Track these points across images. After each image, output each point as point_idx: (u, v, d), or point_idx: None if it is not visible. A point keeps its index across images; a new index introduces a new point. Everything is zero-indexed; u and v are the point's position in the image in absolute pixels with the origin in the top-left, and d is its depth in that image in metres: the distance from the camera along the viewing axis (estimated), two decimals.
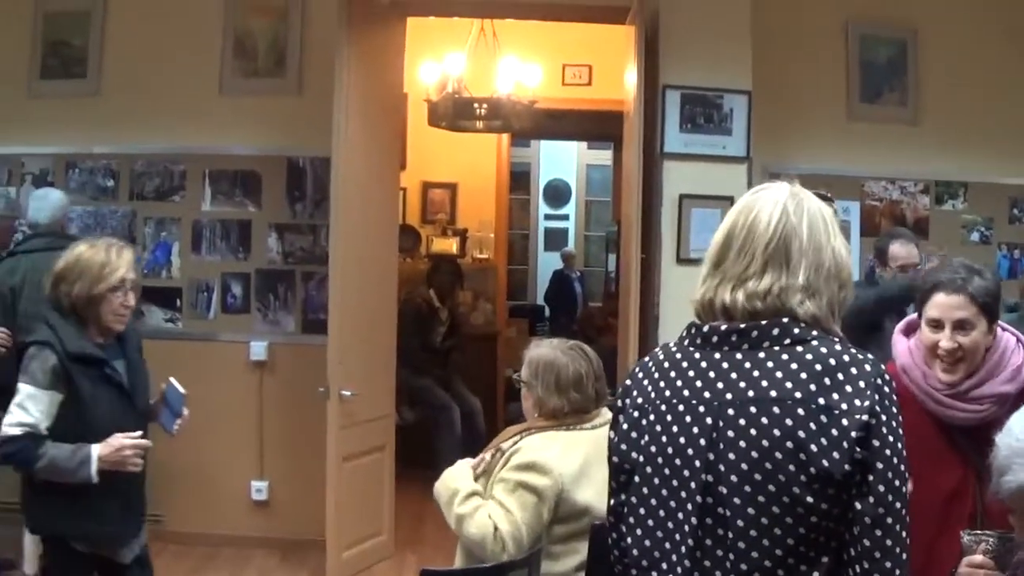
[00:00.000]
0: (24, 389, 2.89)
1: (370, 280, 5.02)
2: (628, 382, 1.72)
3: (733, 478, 1.52)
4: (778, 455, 1.49)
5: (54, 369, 2.89)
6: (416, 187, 7.73)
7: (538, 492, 2.74)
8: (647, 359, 1.72)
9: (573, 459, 2.80)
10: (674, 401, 1.60)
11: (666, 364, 1.66)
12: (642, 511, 1.64)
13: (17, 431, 2.85)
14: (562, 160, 13.13)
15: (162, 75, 5.48)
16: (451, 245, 7.78)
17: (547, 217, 13.31)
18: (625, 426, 1.68)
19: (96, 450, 2.88)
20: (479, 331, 7.67)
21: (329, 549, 4.83)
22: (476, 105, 6.04)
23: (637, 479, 1.64)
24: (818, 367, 1.51)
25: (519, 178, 10.88)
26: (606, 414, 2.89)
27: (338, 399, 4.68)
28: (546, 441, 2.86)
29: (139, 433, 3.01)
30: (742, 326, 1.58)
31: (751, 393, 1.53)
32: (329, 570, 4.84)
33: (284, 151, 5.38)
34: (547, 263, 12.65)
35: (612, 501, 1.73)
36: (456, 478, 2.96)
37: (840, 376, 1.50)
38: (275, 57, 5.41)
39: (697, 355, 1.62)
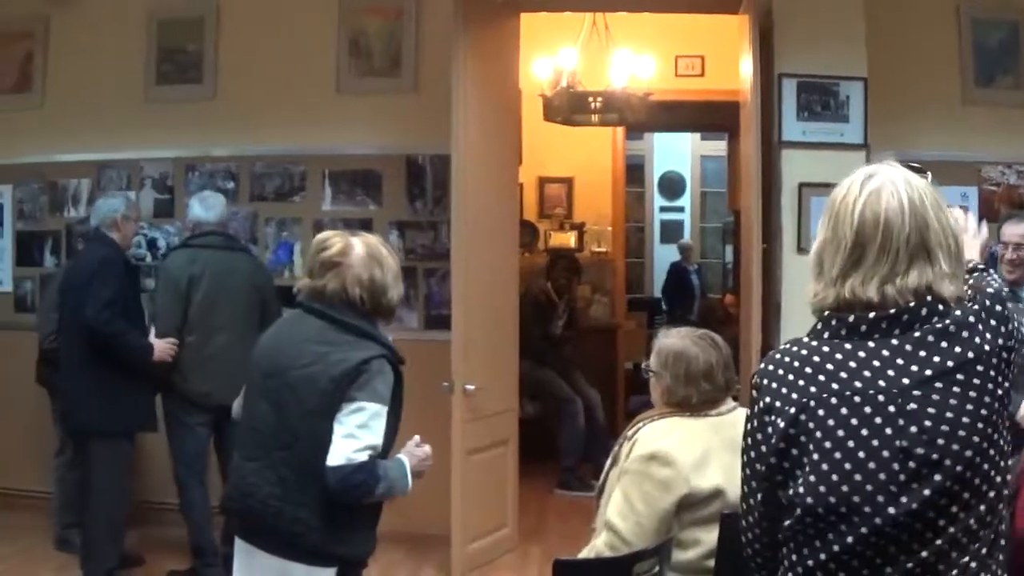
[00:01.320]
0: (369, 408, 2.89)
1: (492, 275, 5.52)
2: (764, 380, 1.83)
3: (935, 456, 1.68)
4: (965, 420, 1.69)
5: (391, 384, 2.98)
6: (532, 182, 8.27)
7: (661, 484, 2.86)
8: (781, 355, 1.84)
9: (694, 446, 2.91)
10: (847, 393, 1.72)
11: (814, 358, 1.78)
12: (832, 498, 1.72)
13: (365, 456, 2.84)
14: (676, 152, 13.70)
15: (278, 77, 6.10)
16: (569, 239, 8.29)
17: (662, 209, 13.82)
18: (781, 423, 1.77)
19: (408, 460, 3.03)
20: (598, 325, 8.23)
21: (454, 542, 5.30)
22: (591, 99, 6.45)
23: (810, 474, 1.74)
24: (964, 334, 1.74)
25: (633, 171, 11.32)
26: (731, 402, 3.11)
27: (462, 393, 5.19)
28: (666, 429, 3.00)
29: (418, 438, 3.14)
30: (892, 312, 1.73)
31: (928, 372, 1.71)
32: (454, 563, 5.32)
33: (403, 149, 5.94)
34: (663, 256, 13.10)
35: (761, 496, 1.85)
36: None
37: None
38: (391, 56, 5.99)
39: (848, 346, 1.75)
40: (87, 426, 5.04)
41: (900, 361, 1.72)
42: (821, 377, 1.75)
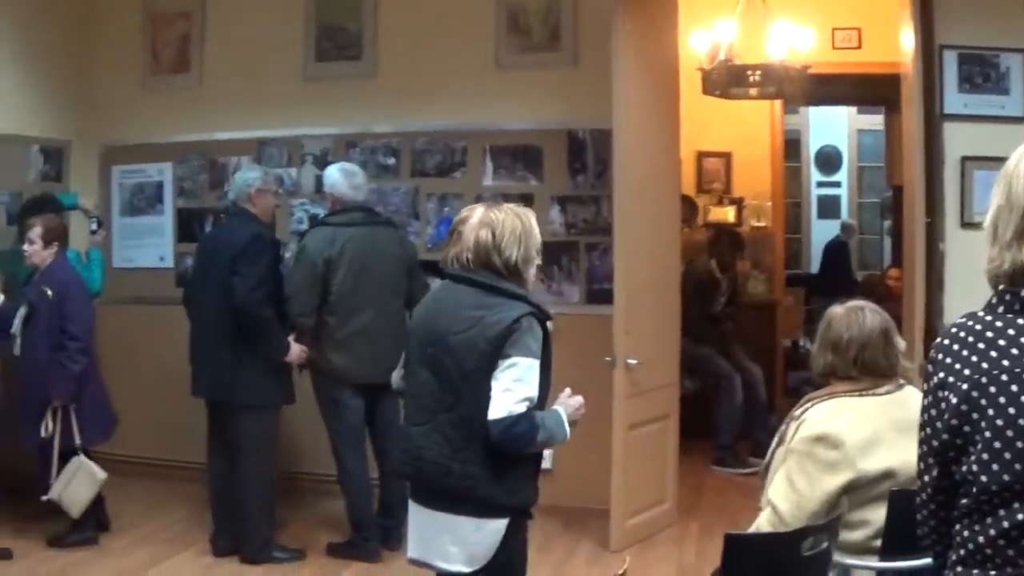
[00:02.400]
0: (523, 362, 3.20)
1: (654, 249, 5.89)
2: (939, 355, 1.91)
3: None
4: None
5: (540, 339, 3.30)
6: (691, 157, 8.66)
7: (826, 466, 3.08)
8: (956, 330, 1.91)
9: (863, 428, 3.10)
10: (1017, 370, 1.78)
11: (988, 333, 1.84)
12: (1006, 476, 1.78)
13: (523, 407, 3.18)
14: (832, 126, 14.07)
15: (437, 54, 6.62)
16: (728, 214, 8.62)
17: (819, 184, 13.93)
18: (954, 399, 1.85)
19: (563, 410, 3.38)
20: (757, 300, 8.66)
21: (613, 517, 5.65)
22: (749, 72, 6.67)
23: (983, 452, 1.81)
24: None
25: (790, 146, 11.51)
26: (900, 380, 3.28)
27: (624, 368, 5.57)
28: (834, 410, 3.18)
29: (569, 390, 3.50)
30: None
31: None
32: (613, 538, 5.67)
33: (564, 124, 6.37)
34: (821, 232, 13.26)
35: (936, 472, 1.94)
36: None
37: None
38: (550, 31, 6.43)
39: (1021, 321, 1.82)
40: (235, 400, 5.46)
41: None
42: (993, 353, 1.80)
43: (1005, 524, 1.77)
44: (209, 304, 5.49)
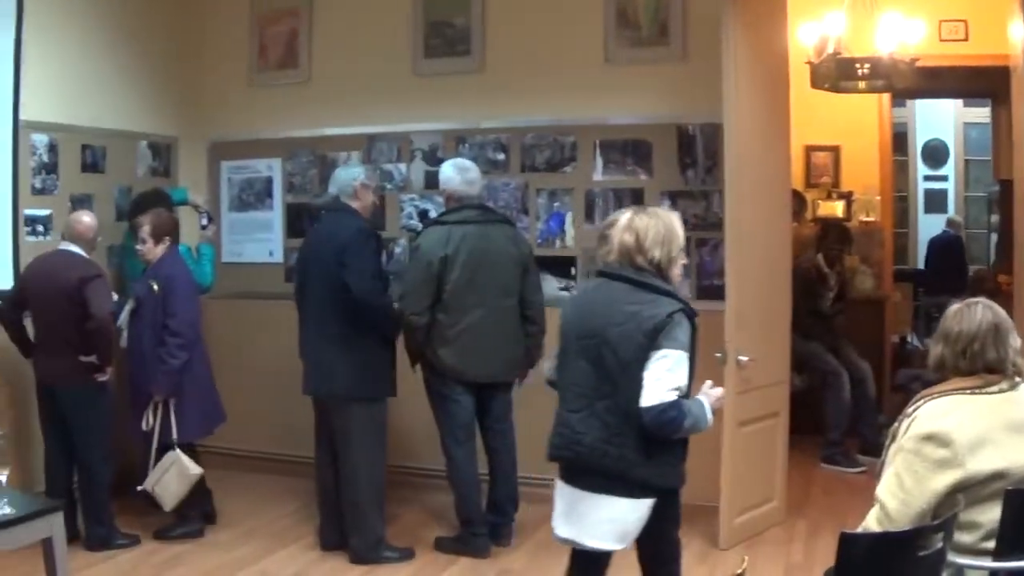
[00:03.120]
0: (673, 354, 3.61)
1: (765, 244, 5.98)
2: None
3: None
4: None
5: (689, 333, 3.71)
6: (799, 151, 8.69)
7: (935, 464, 3.15)
8: None
9: (975, 427, 3.16)
10: None
11: None
12: None
13: (673, 396, 3.58)
14: (938, 119, 14.17)
15: (546, 49, 6.77)
16: (836, 208, 8.68)
17: (926, 178, 13.91)
18: None
19: (706, 400, 3.74)
20: (865, 296, 8.69)
21: (722, 514, 5.75)
22: (858, 65, 6.73)
23: None
24: None
25: (896, 139, 11.52)
26: (1016, 379, 3.34)
27: (735, 364, 5.66)
28: (946, 408, 3.26)
29: (710, 382, 3.87)
30: None
31: None
32: (722, 535, 5.77)
33: (673, 118, 6.47)
34: (927, 226, 13.28)
35: None
36: None
37: None
38: (658, 25, 6.54)
39: None
40: (342, 393, 5.61)
41: None
42: None
43: None
44: (314, 299, 5.65)
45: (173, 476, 5.87)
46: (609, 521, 3.73)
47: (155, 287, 5.91)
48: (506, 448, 5.93)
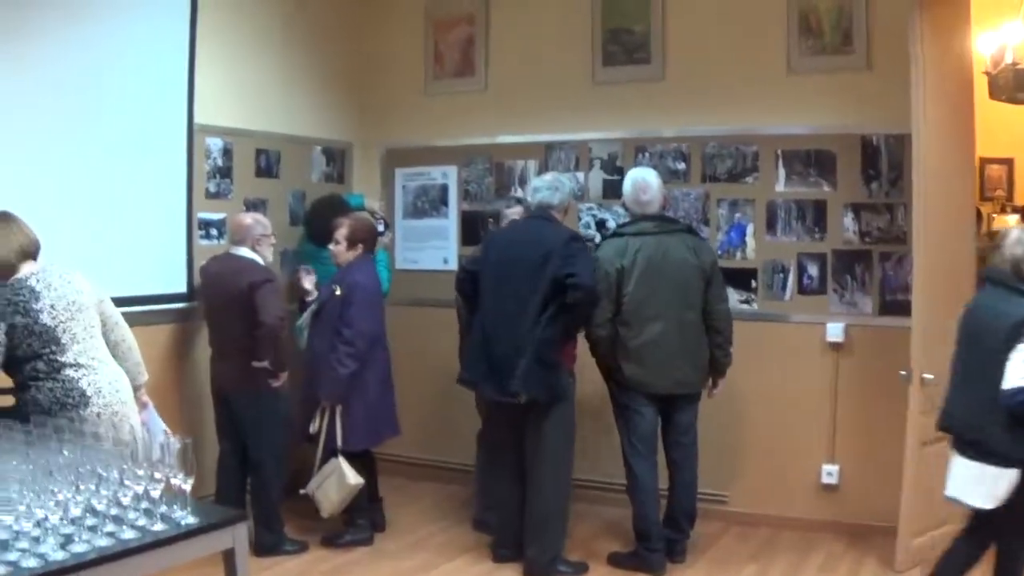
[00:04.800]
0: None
1: (951, 260, 6.08)
2: None
3: None
4: None
5: None
6: None
7: None
8: None
9: None
10: None
11: None
12: None
13: None
14: None
15: (727, 57, 7.04)
16: (1010, 223, 8.63)
17: None
18: None
19: None
20: None
21: (900, 535, 5.91)
22: None
23: None
24: None
25: None
26: None
27: (920, 383, 5.81)
28: None
29: None
30: None
31: None
32: (898, 557, 5.92)
33: (857, 129, 6.67)
34: None
35: None
36: None
37: None
38: (841, 33, 6.76)
39: None
40: (547, 395, 5.73)
41: None
42: None
43: None
44: (507, 302, 5.79)
45: (333, 484, 6.17)
46: (981, 483, 4.53)
47: (337, 291, 6.24)
48: (688, 462, 6.12)
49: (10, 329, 4.38)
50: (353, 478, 6.16)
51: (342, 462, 6.16)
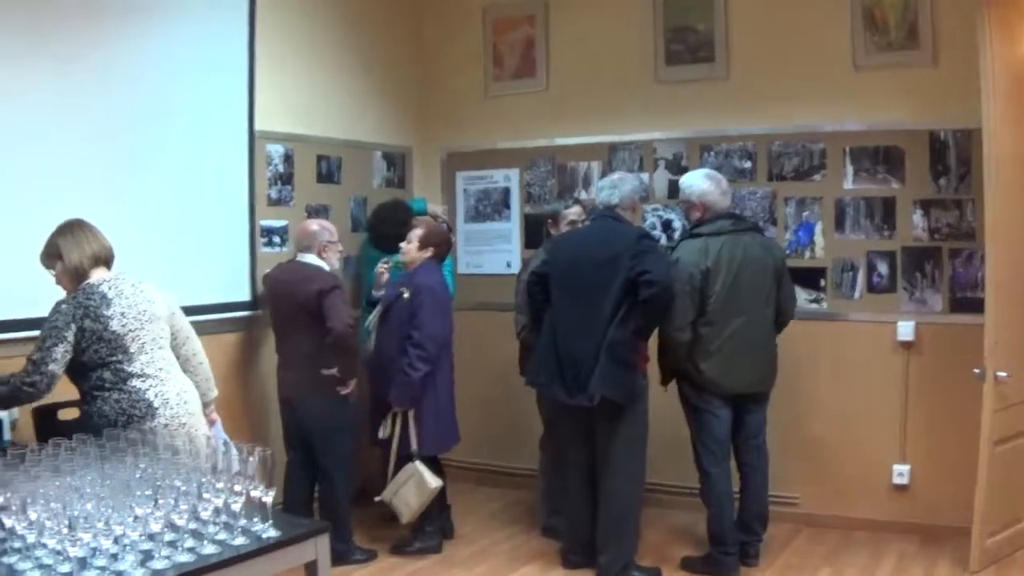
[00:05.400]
0: None
1: (1022, 255, 6.12)
2: None
3: None
4: None
5: None
6: None
7: None
8: None
9: None
10: None
11: None
12: None
13: None
14: None
15: (791, 54, 7.10)
16: None
17: None
18: None
19: None
20: None
21: (975, 535, 5.93)
22: None
23: None
24: None
25: None
26: None
27: (994, 381, 5.85)
28: None
29: None
30: None
31: None
32: (972, 557, 5.95)
33: (924, 124, 6.71)
34: None
35: None
36: None
37: None
38: (906, 29, 6.81)
39: None
40: (625, 396, 5.73)
41: None
42: None
43: None
44: (578, 304, 5.83)
45: (412, 488, 6.25)
46: None
47: (405, 294, 6.32)
48: (760, 464, 6.20)
49: (79, 332, 4.46)
50: (433, 481, 6.25)
51: (420, 466, 6.25)
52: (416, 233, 6.50)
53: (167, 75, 6.25)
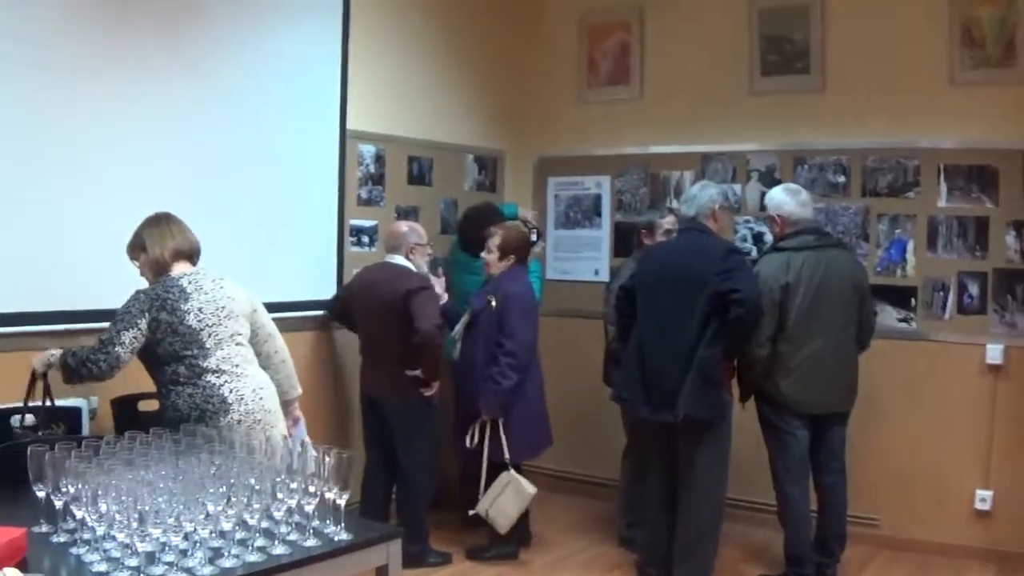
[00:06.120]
0: None
1: None
2: None
3: None
4: None
5: None
6: None
7: None
8: None
9: None
10: None
11: None
12: None
13: None
14: None
15: (887, 68, 7.13)
16: None
17: None
18: None
19: None
20: None
21: None
22: None
23: None
24: None
25: None
26: None
27: None
28: None
29: None
30: None
31: None
32: None
33: (1020, 144, 6.72)
34: None
35: None
36: None
37: None
38: (1004, 45, 6.82)
39: None
40: (712, 414, 5.76)
41: None
42: None
43: None
44: (664, 319, 5.84)
45: (509, 497, 6.35)
46: None
47: (492, 302, 6.44)
48: (839, 485, 6.16)
49: (153, 323, 4.58)
50: (529, 487, 6.35)
51: (514, 474, 6.35)
52: (494, 242, 6.61)
53: (261, 73, 6.45)
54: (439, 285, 6.75)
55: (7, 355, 5.00)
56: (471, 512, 6.46)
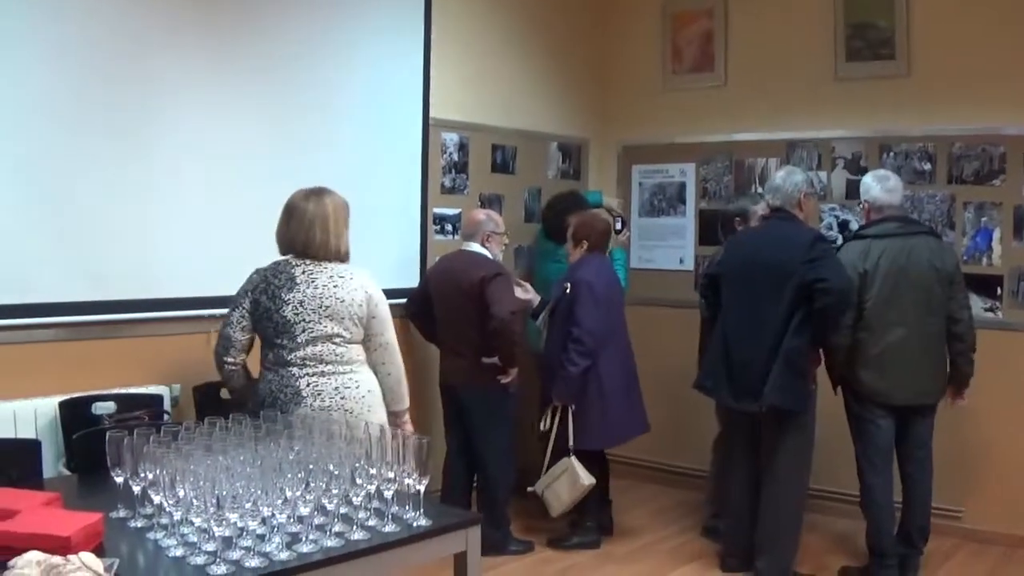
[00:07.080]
0: None
1: None
2: None
3: None
4: None
5: None
6: None
7: None
8: None
9: None
10: None
11: None
12: None
13: None
14: None
15: (974, 54, 7.15)
16: None
17: None
18: None
19: None
20: None
21: None
22: None
23: None
24: None
25: None
26: None
27: None
28: None
29: None
30: None
31: None
32: None
33: None
34: None
35: None
36: None
37: None
38: None
39: None
40: (794, 404, 5.81)
41: None
42: None
43: None
44: (750, 308, 5.93)
45: (564, 483, 6.48)
46: None
47: (567, 290, 6.57)
48: (924, 476, 6.14)
49: (253, 304, 4.73)
50: (585, 478, 6.40)
51: (574, 462, 6.42)
52: (569, 231, 6.81)
53: (344, 62, 6.64)
54: (521, 292, 6.89)
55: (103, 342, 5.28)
56: (528, 489, 6.63)
